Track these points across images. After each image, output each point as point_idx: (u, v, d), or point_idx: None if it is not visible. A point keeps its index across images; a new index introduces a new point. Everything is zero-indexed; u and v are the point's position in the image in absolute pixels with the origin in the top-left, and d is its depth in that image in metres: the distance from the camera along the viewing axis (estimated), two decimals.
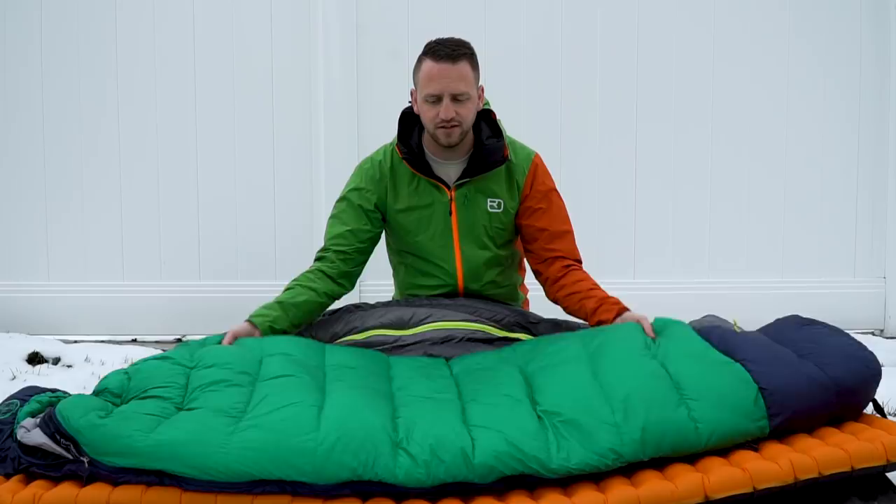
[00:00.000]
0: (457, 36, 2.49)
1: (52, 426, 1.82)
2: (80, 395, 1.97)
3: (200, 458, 1.75)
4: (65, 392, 2.09)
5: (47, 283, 3.99)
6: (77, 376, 3.21)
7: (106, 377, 2.03)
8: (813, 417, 2.00)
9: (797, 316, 2.34)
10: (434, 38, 2.46)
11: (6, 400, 2.04)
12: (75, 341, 3.78)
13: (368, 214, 2.56)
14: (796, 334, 2.21)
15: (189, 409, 1.89)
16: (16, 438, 1.86)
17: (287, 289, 2.48)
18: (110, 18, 3.91)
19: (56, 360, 3.56)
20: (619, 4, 3.98)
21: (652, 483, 1.83)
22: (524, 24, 3.98)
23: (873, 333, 4.08)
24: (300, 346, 2.26)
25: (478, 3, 3.95)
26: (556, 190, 2.63)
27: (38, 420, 1.88)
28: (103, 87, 3.94)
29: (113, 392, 1.96)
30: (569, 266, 2.55)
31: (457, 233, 2.55)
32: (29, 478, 1.85)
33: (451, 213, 2.51)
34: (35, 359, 3.55)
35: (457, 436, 1.85)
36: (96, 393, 1.98)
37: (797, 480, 1.84)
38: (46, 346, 3.62)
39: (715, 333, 2.22)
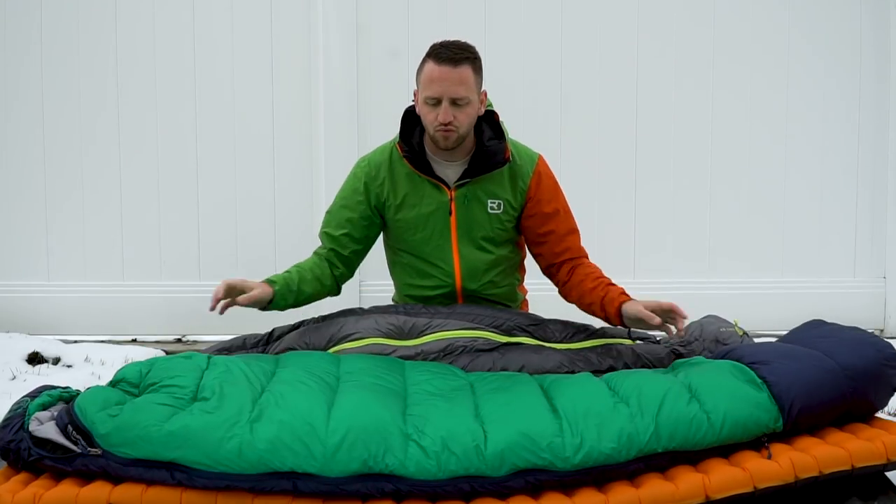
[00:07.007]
0: (456, 36, 2.48)
1: (66, 418, 1.85)
2: (98, 388, 1.98)
3: (214, 444, 1.77)
4: (77, 390, 2.09)
5: (47, 283, 3.99)
6: (77, 376, 3.20)
7: (124, 367, 2.05)
8: (826, 406, 1.99)
9: (816, 319, 2.39)
10: (440, 41, 2.44)
11: (17, 402, 2.03)
12: (75, 341, 3.77)
13: (362, 216, 2.57)
14: (808, 333, 2.28)
15: (204, 399, 1.90)
16: (27, 429, 1.86)
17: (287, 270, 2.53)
18: (110, 18, 3.91)
19: (56, 360, 3.56)
20: (620, 3, 3.98)
21: (652, 484, 1.84)
22: (524, 24, 3.97)
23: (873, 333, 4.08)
24: (313, 357, 2.25)
25: (478, 3, 3.94)
26: (560, 191, 2.63)
27: (52, 413, 1.91)
28: (103, 87, 3.93)
29: (130, 382, 1.98)
30: (573, 267, 2.59)
31: (455, 233, 2.54)
32: (36, 473, 1.85)
33: (450, 214, 2.51)
34: (35, 359, 3.54)
35: (469, 429, 1.86)
36: (113, 383, 2.01)
37: (798, 479, 1.85)
38: (46, 346, 3.61)
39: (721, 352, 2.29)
